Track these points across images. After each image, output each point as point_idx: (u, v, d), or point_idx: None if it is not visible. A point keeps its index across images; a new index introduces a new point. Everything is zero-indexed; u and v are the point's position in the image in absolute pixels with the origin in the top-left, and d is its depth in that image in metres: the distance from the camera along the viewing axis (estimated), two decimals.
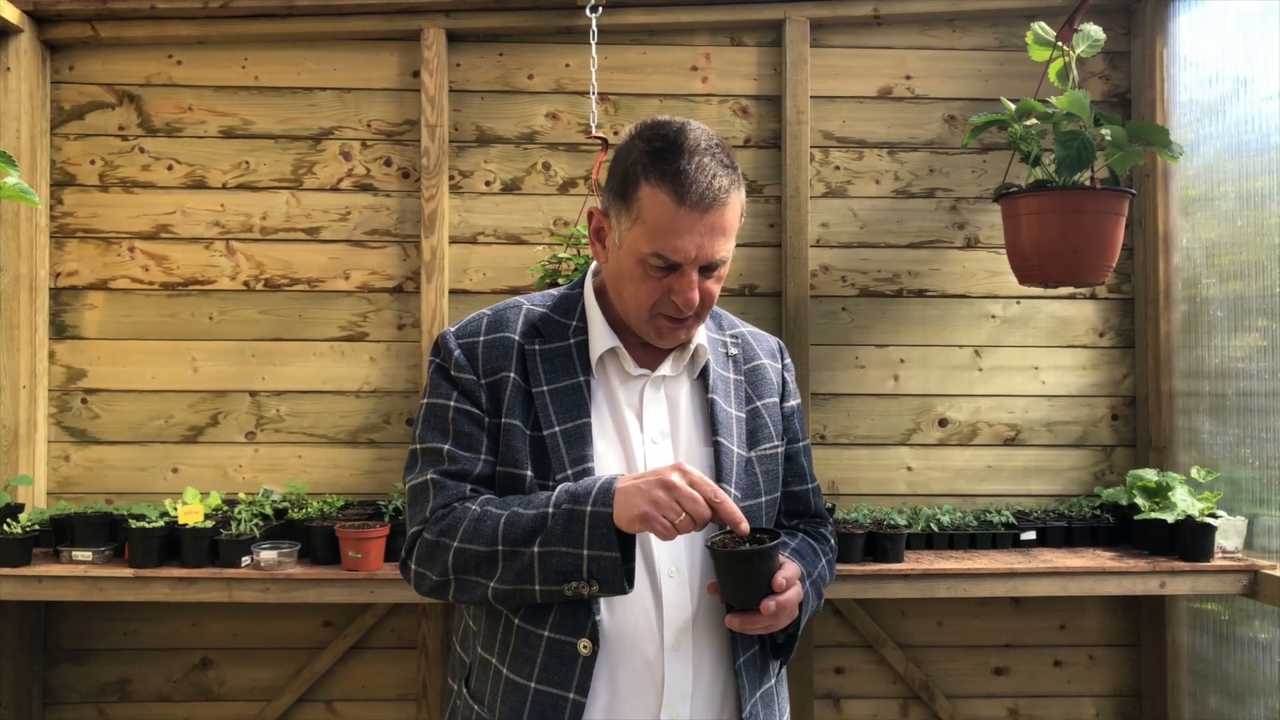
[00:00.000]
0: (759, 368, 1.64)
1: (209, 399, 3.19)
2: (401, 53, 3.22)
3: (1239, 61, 2.87)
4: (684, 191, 1.39)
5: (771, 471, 1.59)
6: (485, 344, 1.51)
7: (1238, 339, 2.88)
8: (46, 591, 2.74)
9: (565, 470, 1.44)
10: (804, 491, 1.69)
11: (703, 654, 1.46)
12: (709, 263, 1.43)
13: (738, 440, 1.54)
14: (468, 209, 3.23)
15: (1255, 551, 2.85)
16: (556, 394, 1.48)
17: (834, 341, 3.25)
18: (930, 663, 3.25)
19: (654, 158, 1.42)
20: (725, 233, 1.43)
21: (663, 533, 1.32)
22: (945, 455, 3.26)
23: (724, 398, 1.56)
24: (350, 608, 3.14)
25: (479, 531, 1.40)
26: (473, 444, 1.48)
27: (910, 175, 3.27)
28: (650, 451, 1.49)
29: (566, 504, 1.37)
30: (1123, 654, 3.27)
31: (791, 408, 1.67)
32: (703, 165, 1.40)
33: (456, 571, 1.42)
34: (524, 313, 1.55)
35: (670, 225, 1.40)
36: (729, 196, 1.42)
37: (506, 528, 1.39)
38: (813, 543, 1.65)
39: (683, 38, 3.25)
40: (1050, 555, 2.90)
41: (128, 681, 3.18)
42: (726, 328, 1.66)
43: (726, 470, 1.50)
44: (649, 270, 1.44)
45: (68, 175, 3.19)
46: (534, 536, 1.37)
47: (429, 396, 1.53)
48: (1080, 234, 2.19)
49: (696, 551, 1.48)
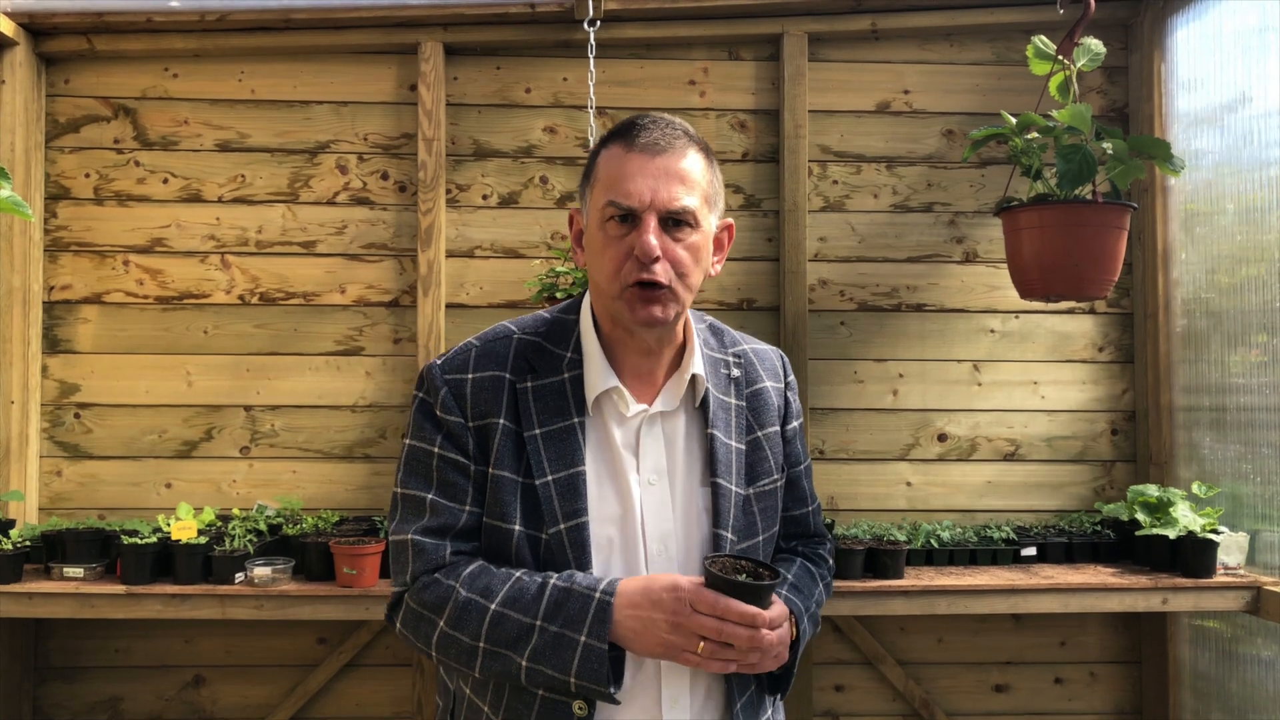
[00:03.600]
0: (761, 392, 1.57)
1: (203, 413, 3.16)
2: (399, 66, 3.21)
3: (1237, 77, 2.87)
4: (633, 138, 1.40)
5: (770, 507, 1.54)
6: (474, 383, 1.44)
7: (1238, 354, 2.88)
8: (37, 609, 2.70)
9: (558, 524, 1.39)
10: (804, 515, 1.66)
11: (699, 704, 1.43)
12: (666, 210, 1.37)
13: (736, 478, 1.48)
14: (465, 223, 3.21)
15: (1257, 568, 2.83)
16: (550, 438, 1.42)
17: (832, 356, 3.23)
18: (930, 680, 3.22)
19: (612, 131, 1.46)
20: (682, 180, 1.39)
21: (694, 663, 1.31)
22: (944, 470, 3.24)
23: (724, 430, 1.49)
24: (345, 625, 3.10)
25: (463, 620, 1.36)
26: (457, 494, 1.43)
27: (908, 190, 3.26)
28: (645, 493, 1.43)
29: (557, 627, 1.32)
30: (1124, 671, 3.25)
31: (794, 429, 1.62)
32: (657, 122, 1.42)
33: (440, 651, 1.39)
34: (515, 344, 1.48)
35: (620, 170, 1.39)
36: (685, 149, 1.41)
37: (492, 627, 1.35)
38: (811, 567, 1.61)
39: (680, 52, 3.25)
40: (1051, 571, 2.88)
41: (119, 700, 3.14)
42: (729, 345, 1.59)
43: (724, 513, 1.45)
44: (609, 231, 1.40)
45: (62, 188, 3.17)
46: (521, 646, 1.33)
47: (412, 438, 1.47)
48: (1082, 248, 2.18)
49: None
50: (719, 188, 1.48)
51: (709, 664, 1.31)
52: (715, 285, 3.22)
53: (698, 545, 1.45)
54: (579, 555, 1.39)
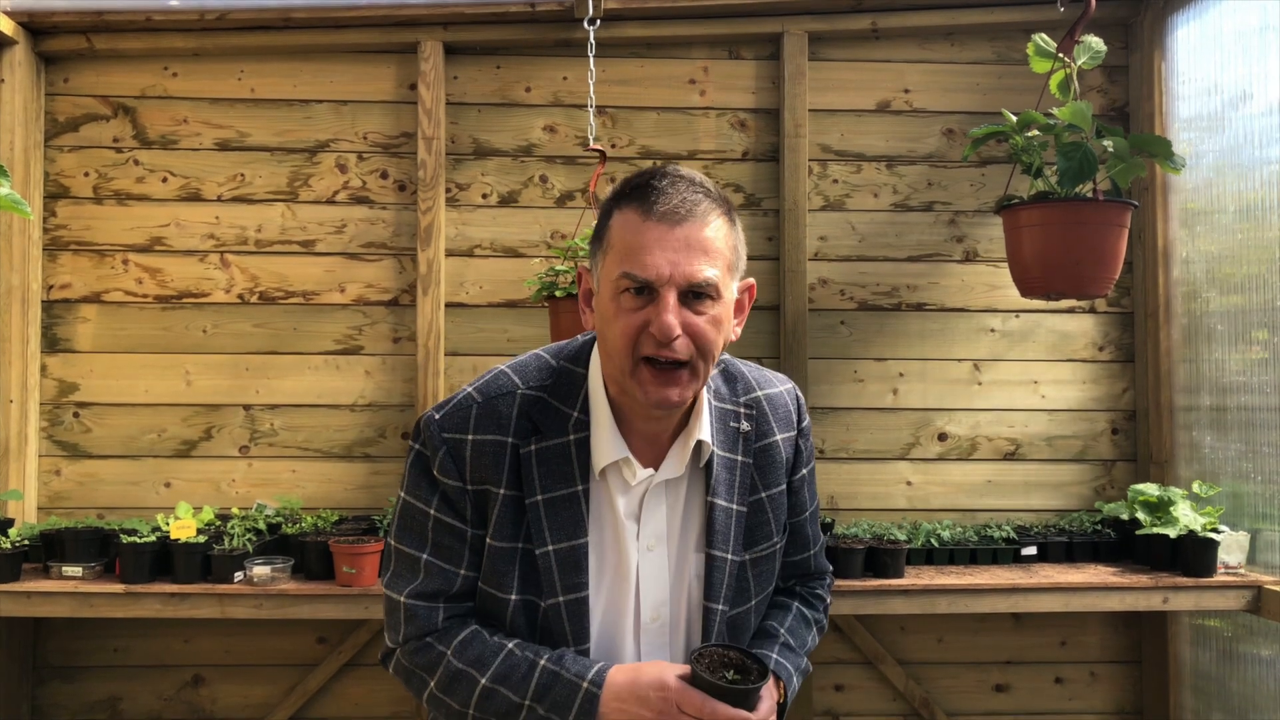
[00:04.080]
0: (770, 448, 1.49)
1: (202, 413, 3.16)
2: (398, 65, 3.21)
3: (1237, 76, 2.87)
4: (651, 204, 1.29)
5: (767, 571, 1.50)
6: (474, 445, 1.37)
7: (1238, 352, 2.87)
8: (36, 608, 2.70)
9: (556, 597, 1.36)
10: (804, 559, 1.61)
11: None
12: (687, 283, 1.28)
13: (733, 545, 1.44)
14: (464, 222, 3.21)
15: (1258, 567, 2.82)
16: (552, 505, 1.37)
17: (832, 355, 3.23)
18: (930, 679, 3.22)
19: (626, 189, 1.34)
20: (705, 251, 1.29)
21: None
22: (945, 470, 3.24)
23: (726, 494, 1.44)
24: (344, 624, 3.10)
25: (454, 688, 1.36)
26: (452, 557, 1.39)
27: (909, 189, 3.26)
28: (644, 559, 1.40)
29: (544, 710, 1.32)
30: (1124, 671, 3.24)
31: (802, 478, 1.55)
32: (676, 184, 1.31)
33: (431, 706, 1.40)
34: (519, 402, 1.39)
35: (637, 240, 1.29)
36: (707, 214, 1.30)
37: (481, 699, 1.34)
38: (806, 612, 1.58)
39: (681, 51, 3.24)
40: (1052, 571, 2.88)
41: (118, 699, 3.13)
42: (741, 394, 1.49)
43: (716, 585, 1.42)
44: (623, 301, 1.30)
45: (61, 187, 3.17)
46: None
47: (408, 493, 1.42)
48: (1083, 246, 2.17)
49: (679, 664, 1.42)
50: (742, 251, 1.38)
51: None
52: None
53: (687, 613, 1.43)
54: (577, 628, 1.37)
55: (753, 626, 1.51)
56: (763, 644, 1.49)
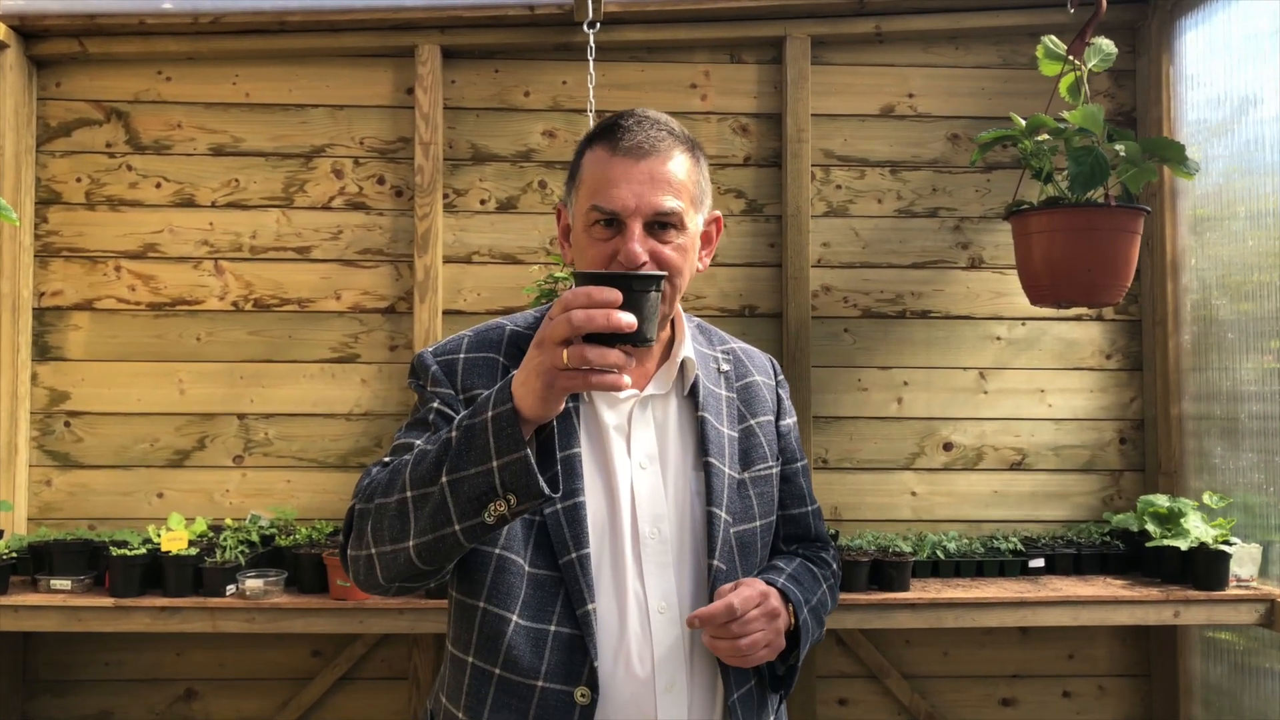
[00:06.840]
0: (752, 385, 1.57)
1: (196, 422, 3.11)
2: (395, 69, 3.16)
3: (1247, 80, 2.83)
4: (618, 141, 1.39)
5: (766, 494, 1.51)
6: (466, 361, 1.45)
7: (1250, 361, 2.82)
8: (23, 622, 2.64)
9: (555, 505, 1.36)
10: (803, 515, 1.62)
11: (695, 693, 1.40)
12: (653, 213, 1.37)
13: (729, 461, 1.47)
14: (462, 228, 3.16)
15: (1271, 580, 2.77)
16: None
17: (836, 363, 3.18)
18: (936, 693, 3.16)
19: (596, 130, 1.45)
20: (669, 183, 1.38)
21: (584, 385, 1.13)
22: (950, 480, 3.19)
23: (715, 415, 1.48)
24: (339, 638, 3.04)
25: (391, 484, 1.27)
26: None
27: (913, 194, 3.21)
28: (638, 476, 1.42)
29: (466, 419, 1.21)
30: (1133, 685, 3.19)
31: (788, 425, 1.60)
32: (642, 123, 1.41)
33: (376, 543, 1.29)
34: (507, 334, 1.48)
35: (605, 175, 1.39)
36: (670, 150, 1.40)
37: (413, 470, 1.24)
38: (811, 566, 1.57)
39: (682, 55, 3.20)
40: (1060, 583, 2.82)
41: (109, 714, 3.08)
42: (717, 343, 1.59)
43: (717, 493, 1.43)
44: (594, 232, 1.39)
45: (53, 193, 3.12)
46: (440, 467, 1.21)
47: (404, 427, 1.45)
48: (1094, 253, 2.13)
49: (685, 587, 1.41)
50: (706, 185, 1.47)
51: (580, 379, 1.14)
52: (717, 291, 3.17)
53: (690, 528, 1.43)
54: (576, 533, 1.37)
55: (760, 552, 1.50)
56: (766, 575, 1.46)
